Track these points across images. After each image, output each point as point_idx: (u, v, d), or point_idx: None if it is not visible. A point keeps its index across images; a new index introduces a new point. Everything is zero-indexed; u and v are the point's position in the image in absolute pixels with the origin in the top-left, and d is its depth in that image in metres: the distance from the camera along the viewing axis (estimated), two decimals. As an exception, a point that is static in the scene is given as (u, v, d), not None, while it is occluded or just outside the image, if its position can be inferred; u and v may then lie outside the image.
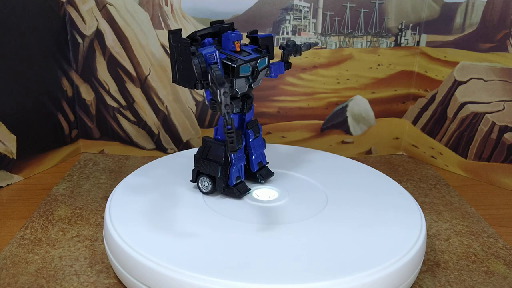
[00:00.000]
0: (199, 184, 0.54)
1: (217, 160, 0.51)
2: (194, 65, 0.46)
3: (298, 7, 0.74)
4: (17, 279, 0.47)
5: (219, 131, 0.52)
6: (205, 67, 0.46)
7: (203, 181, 0.53)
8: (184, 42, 0.46)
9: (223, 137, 0.51)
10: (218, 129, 0.52)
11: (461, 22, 0.73)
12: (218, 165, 0.51)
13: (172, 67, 0.49)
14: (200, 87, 0.47)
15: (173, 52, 0.48)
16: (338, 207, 0.52)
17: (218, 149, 0.51)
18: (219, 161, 0.51)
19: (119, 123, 0.79)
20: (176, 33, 0.47)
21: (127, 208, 0.51)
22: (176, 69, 0.48)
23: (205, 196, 0.54)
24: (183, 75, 0.48)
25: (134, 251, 0.43)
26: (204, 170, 0.52)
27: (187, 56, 0.47)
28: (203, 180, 0.53)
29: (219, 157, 0.51)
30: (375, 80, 0.80)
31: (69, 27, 0.73)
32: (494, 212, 0.64)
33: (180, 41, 0.47)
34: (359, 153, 0.84)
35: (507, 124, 0.71)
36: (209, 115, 0.79)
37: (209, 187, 0.53)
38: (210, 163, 0.52)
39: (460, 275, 0.50)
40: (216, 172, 0.52)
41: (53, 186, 0.68)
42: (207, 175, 0.53)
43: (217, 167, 0.51)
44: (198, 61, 0.46)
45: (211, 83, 0.45)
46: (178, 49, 0.47)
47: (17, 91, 0.68)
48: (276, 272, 0.41)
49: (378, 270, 0.42)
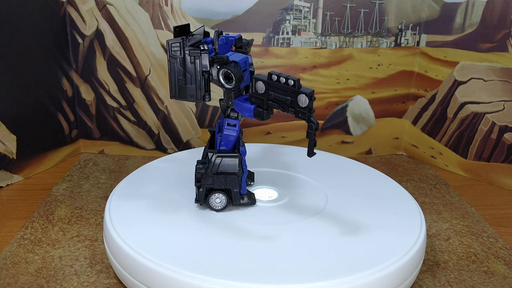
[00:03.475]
0: (211, 202, 0.50)
1: (234, 172, 0.49)
2: (212, 75, 0.44)
3: (298, 7, 0.74)
4: (17, 279, 0.47)
5: (222, 142, 0.50)
6: (241, 75, 0.44)
7: (215, 198, 0.50)
8: (194, 52, 0.44)
9: (229, 147, 0.50)
10: (223, 140, 0.50)
11: (461, 22, 0.73)
12: (237, 176, 0.49)
13: (172, 80, 0.46)
14: (208, 98, 0.46)
15: (174, 63, 0.45)
16: (338, 207, 0.52)
17: (231, 161, 0.49)
18: (236, 172, 0.49)
19: (119, 123, 0.79)
20: (178, 42, 0.45)
21: (127, 208, 0.51)
22: (176, 82, 0.46)
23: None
24: (185, 88, 0.46)
25: (134, 251, 0.43)
26: (219, 185, 0.49)
27: (196, 65, 0.45)
28: (215, 197, 0.50)
29: (235, 168, 0.49)
30: (375, 80, 0.80)
31: (69, 27, 0.73)
32: (494, 212, 0.64)
33: (189, 51, 0.44)
34: (359, 153, 0.84)
35: (507, 124, 0.71)
36: (209, 115, 0.79)
37: (222, 203, 0.50)
38: (225, 177, 0.49)
39: (460, 275, 0.50)
40: (235, 184, 0.49)
41: (53, 186, 0.68)
42: (219, 190, 0.50)
43: (235, 179, 0.49)
44: (232, 69, 0.43)
45: (270, 91, 0.44)
46: (182, 59, 0.45)
47: (17, 91, 0.68)
48: (276, 272, 0.41)
49: (378, 270, 0.42)
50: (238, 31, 0.74)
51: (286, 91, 0.43)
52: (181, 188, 0.56)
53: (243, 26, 0.74)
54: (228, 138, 0.49)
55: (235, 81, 0.44)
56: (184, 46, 0.45)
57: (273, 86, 0.44)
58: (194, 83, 0.46)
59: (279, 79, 0.43)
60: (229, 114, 0.49)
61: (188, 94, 0.46)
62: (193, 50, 0.45)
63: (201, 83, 0.45)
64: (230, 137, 0.49)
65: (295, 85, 0.42)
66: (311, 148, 0.43)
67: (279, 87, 0.43)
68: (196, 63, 0.45)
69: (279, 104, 0.44)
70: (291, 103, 0.43)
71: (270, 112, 0.45)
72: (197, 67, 0.45)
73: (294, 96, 0.43)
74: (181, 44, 0.45)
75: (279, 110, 0.44)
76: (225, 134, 0.49)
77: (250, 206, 0.52)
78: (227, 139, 0.49)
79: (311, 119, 0.43)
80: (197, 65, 0.45)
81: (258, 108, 0.45)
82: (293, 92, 0.43)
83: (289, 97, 0.43)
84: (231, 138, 0.49)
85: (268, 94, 0.44)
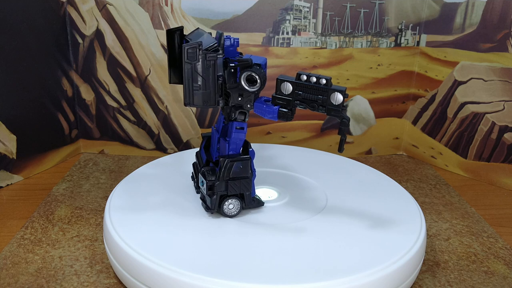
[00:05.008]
0: (225, 209, 0.49)
1: (247, 175, 0.48)
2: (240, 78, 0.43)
3: (298, 7, 0.74)
4: (17, 279, 0.47)
5: (231, 147, 0.49)
6: (264, 77, 0.43)
7: (228, 205, 0.49)
8: (212, 56, 0.43)
9: (237, 151, 0.49)
10: (231, 144, 0.49)
11: (461, 22, 0.73)
12: (250, 180, 0.49)
13: (187, 87, 0.44)
14: (222, 103, 0.45)
15: (190, 69, 0.43)
16: (338, 207, 0.52)
17: (242, 164, 0.48)
18: (248, 175, 0.49)
19: (119, 123, 0.79)
20: (194, 47, 0.43)
21: (127, 208, 0.51)
22: (191, 88, 0.44)
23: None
24: (199, 94, 0.44)
25: (134, 251, 0.43)
26: (234, 191, 0.48)
27: (213, 70, 0.43)
28: (228, 203, 0.49)
29: (247, 171, 0.48)
30: (375, 80, 0.80)
31: (69, 27, 0.73)
32: (494, 212, 0.64)
33: (206, 56, 0.43)
34: (359, 153, 0.84)
35: (507, 124, 0.71)
36: (209, 115, 0.79)
37: (235, 208, 0.50)
38: (238, 182, 0.48)
39: (460, 275, 0.50)
40: (249, 187, 0.49)
41: (53, 186, 0.68)
42: (232, 196, 0.49)
43: (249, 182, 0.49)
44: (258, 72, 0.43)
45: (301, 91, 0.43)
46: (202, 65, 0.43)
47: (17, 91, 0.68)
48: (276, 272, 0.41)
49: (378, 270, 0.42)
50: (238, 31, 0.74)
51: (317, 90, 0.43)
52: (181, 188, 0.56)
53: (243, 26, 0.74)
54: (237, 142, 0.49)
55: (261, 83, 0.44)
56: (200, 50, 0.43)
57: (301, 86, 0.44)
58: (209, 88, 0.44)
59: (310, 79, 0.43)
60: (236, 117, 0.48)
61: (202, 100, 0.45)
62: (211, 54, 0.43)
63: (216, 87, 0.44)
64: (239, 140, 0.49)
65: (328, 83, 0.43)
66: (343, 144, 0.44)
67: (309, 87, 0.43)
68: (212, 67, 0.43)
69: (307, 104, 0.44)
70: (323, 101, 0.43)
71: (294, 112, 0.45)
72: (213, 72, 0.44)
73: (326, 94, 0.43)
74: (197, 48, 0.43)
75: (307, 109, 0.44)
76: (234, 138, 0.48)
77: (259, 207, 0.52)
78: (236, 142, 0.49)
79: (345, 115, 0.43)
80: (213, 70, 0.44)
81: (282, 109, 0.45)
82: (325, 91, 0.43)
83: (320, 96, 0.43)
84: (240, 142, 0.49)
85: (295, 95, 0.44)
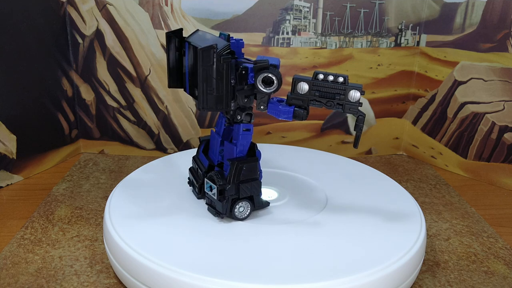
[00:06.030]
0: (236, 212, 0.49)
1: (256, 177, 0.48)
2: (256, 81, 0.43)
3: (298, 7, 0.74)
4: (17, 279, 0.47)
5: (239, 149, 0.48)
6: (281, 78, 0.43)
7: (239, 208, 0.49)
8: (227, 58, 0.42)
9: (244, 153, 0.49)
10: (239, 146, 0.48)
11: (461, 22, 0.73)
12: (259, 181, 0.49)
13: (202, 90, 0.43)
14: (234, 105, 0.45)
15: (206, 72, 0.42)
16: (338, 207, 0.52)
17: (251, 166, 0.48)
18: (257, 177, 0.49)
19: (119, 123, 0.79)
20: (208, 50, 0.41)
21: (127, 208, 0.51)
22: (206, 92, 0.43)
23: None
24: (213, 97, 0.43)
25: (134, 251, 0.43)
26: (245, 193, 0.48)
27: (227, 72, 0.42)
28: (239, 206, 0.49)
29: (255, 173, 0.48)
30: (375, 80, 0.80)
31: (69, 27, 0.73)
32: (494, 212, 0.64)
33: (221, 59, 0.42)
34: (359, 153, 0.84)
35: (507, 124, 0.71)
36: (209, 116, 0.79)
37: (246, 210, 0.49)
38: (249, 184, 0.48)
39: (460, 275, 0.50)
40: (259, 188, 0.49)
41: (53, 186, 0.68)
42: (243, 199, 0.49)
43: (258, 183, 0.49)
44: (275, 73, 0.43)
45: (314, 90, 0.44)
46: (217, 67, 0.42)
47: (17, 91, 0.68)
48: (276, 272, 0.41)
49: (378, 270, 0.42)
50: (238, 31, 0.74)
51: (334, 88, 0.44)
52: (181, 188, 0.56)
53: (243, 26, 0.74)
54: (244, 144, 0.48)
55: (278, 84, 0.44)
56: (215, 53, 0.42)
57: (318, 85, 0.45)
58: (222, 92, 0.44)
59: (327, 78, 0.44)
60: (242, 119, 0.47)
61: (216, 103, 0.44)
62: (226, 57, 0.42)
63: (228, 90, 0.44)
64: (247, 142, 0.48)
65: (345, 81, 0.44)
66: (358, 140, 0.46)
67: (326, 86, 0.44)
68: (226, 70, 0.43)
69: (324, 102, 0.45)
70: (340, 99, 0.44)
71: (308, 111, 0.46)
72: (227, 74, 0.43)
73: (344, 92, 0.44)
74: (213, 51, 0.42)
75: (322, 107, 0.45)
76: (242, 140, 0.48)
77: (265, 208, 0.51)
78: (243, 144, 0.48)
79: (361, 112, 0.44)
80: (227, 72, 0.43)
81: (298, 109, 0.46)
82: (343, 89, 0.44)
83: (337, 93, 0.44)
84: (247, 144, 0.49)
85: (312, 94, 0.45)
